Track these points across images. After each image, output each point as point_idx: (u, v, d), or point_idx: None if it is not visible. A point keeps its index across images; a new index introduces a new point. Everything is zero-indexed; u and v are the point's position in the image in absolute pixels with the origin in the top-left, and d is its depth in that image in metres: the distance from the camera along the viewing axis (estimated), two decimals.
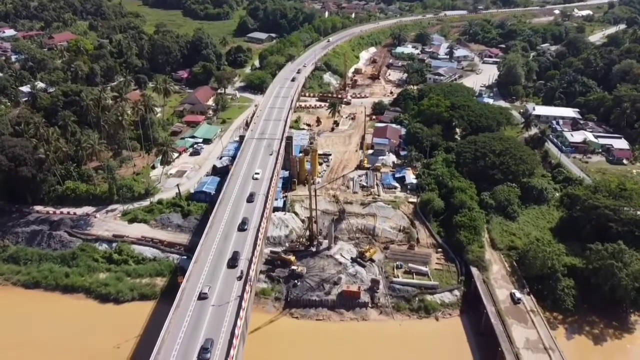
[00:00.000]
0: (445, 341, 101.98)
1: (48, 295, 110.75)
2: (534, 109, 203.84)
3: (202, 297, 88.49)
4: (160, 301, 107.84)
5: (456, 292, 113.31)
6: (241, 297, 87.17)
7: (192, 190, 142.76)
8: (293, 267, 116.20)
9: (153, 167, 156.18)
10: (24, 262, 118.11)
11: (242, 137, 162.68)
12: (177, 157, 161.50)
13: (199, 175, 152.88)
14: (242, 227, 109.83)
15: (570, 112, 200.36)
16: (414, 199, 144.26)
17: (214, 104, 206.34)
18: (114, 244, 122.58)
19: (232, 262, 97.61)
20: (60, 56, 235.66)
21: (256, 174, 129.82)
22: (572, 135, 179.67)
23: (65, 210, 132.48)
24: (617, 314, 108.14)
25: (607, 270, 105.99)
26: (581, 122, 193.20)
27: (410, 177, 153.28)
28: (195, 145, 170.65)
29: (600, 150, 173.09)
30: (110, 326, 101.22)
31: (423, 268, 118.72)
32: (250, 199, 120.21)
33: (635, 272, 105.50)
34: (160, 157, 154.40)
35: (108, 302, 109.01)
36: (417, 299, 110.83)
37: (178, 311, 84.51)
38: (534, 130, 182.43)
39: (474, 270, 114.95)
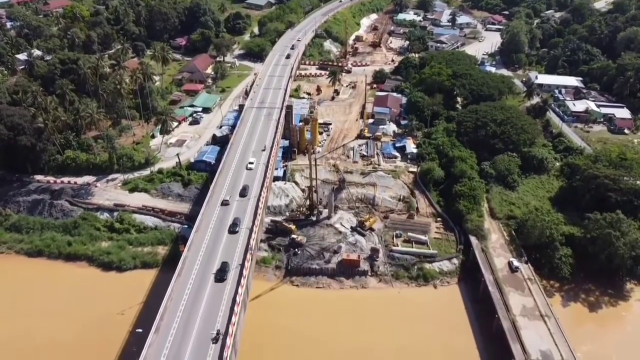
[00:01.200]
0: (443, 308, 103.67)
1: (51, 264, 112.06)
2: (536, 77, 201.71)
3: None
4: (162, 269, 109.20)
5: (455, 261, 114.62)
6: (242, 266, 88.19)
7: (192, 160, 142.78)
8: (293, 236, 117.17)
9: (153, 137, 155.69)
10: (26, 231, 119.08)
11: (241, 106, 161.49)
12: (177, 126, 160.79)
13: (199, 145, 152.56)
14: (244, 194, 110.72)
15: (573, 81, 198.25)
16: (414, 169, 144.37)
17: (213, 73, 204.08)
18: (115, 213, 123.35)
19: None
20: (56, 23, 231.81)
21: (250, 163, 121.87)
22: (574, 104, 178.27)
23: (65, 179, 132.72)
24: (613, 282, 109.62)
25: (604, 239, 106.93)
26: (584, 91, 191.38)
27: (411, 147, 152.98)
28: (194, 114, 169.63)
29: (602, 119, 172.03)
30: (114, 293, 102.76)
31: (422, 237, 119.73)
32: (243, 192, 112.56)
33: (633, 241, 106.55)
34: (159, 126, 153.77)
35: (111, 270, 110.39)
36: (416, 267, 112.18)
37: (180, 279, 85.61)
38: (536, 100, 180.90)
39: (473, 239, 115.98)
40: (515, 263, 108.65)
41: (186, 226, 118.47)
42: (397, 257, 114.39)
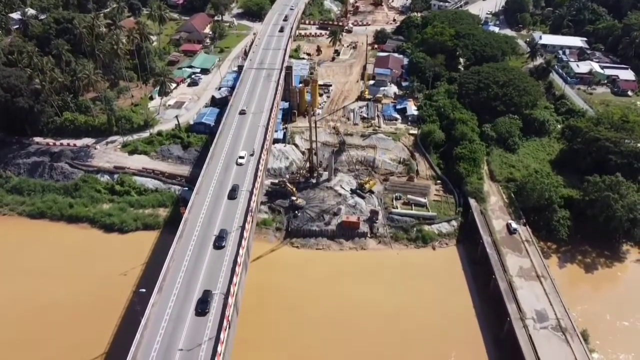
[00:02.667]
0: (441, 270, 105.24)
1: (53, 225, 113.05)
2: (540, 37, 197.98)
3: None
4: (163, 231, 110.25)
5: (453, 223, 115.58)
6: (242, 227, 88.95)
7: (191, 122, 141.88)
8: (293, 198, 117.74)
9: (151, 98, 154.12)
10: (27, 193, 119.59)
11: (240, 67, 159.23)
12: (175, 88, 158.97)
13: (198, 107, 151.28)
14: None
15: (577, 42, 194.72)
16: (414, 131, 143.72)
17: (211, 32, 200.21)
18: (116, 176, 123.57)
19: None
20: None
21: (240, 157, 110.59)
22: (577, 65, 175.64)
23: (65, 141, 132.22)
24: (610, 244, 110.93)
25: (603, 201, 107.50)
26: (588, 52, 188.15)
27: (412, 109, 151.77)
28: (193, 76, 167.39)
29: (605, 81, 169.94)
30: (116, 254, 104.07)
31: (422, 199, 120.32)
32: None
33: (631, 204, 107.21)
34: (157, 88, 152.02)
35: (113, 231, 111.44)
36: (415, 229, 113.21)
37: (181, 241, 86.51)
38: (539, 61, 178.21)
39: (472, 201, 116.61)
40: (514, 225, 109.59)
41: (187, 188, 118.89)
42: (396, 219, 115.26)
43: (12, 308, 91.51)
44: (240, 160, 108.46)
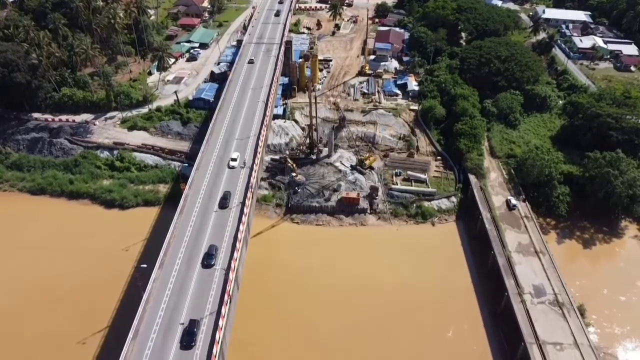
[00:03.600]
0: (440, 245, 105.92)
1: (54, 201, 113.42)
2: (543, 11, 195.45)
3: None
4: (164, 207, 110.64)
5: (453, 199, 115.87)
6: (243, 204, 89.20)
7: (190, 97, 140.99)
8: (293, 174, 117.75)
9: (149, 74, 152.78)
10: (27, 169, 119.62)
11: (239, 42, 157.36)
12: (174, 63, 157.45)
13: (197, 82, 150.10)
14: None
15: (581, 16, 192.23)
16: (415, 107, 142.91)
17: (209, 6, 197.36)
18: (115, 152, 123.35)
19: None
20: None
21: (232, 160, 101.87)
22: (580, 40, 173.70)
23: (63, 117, 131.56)
24: (609, 220, 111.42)
25: (603, 178, 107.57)
26: (592, 26, 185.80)
27: (413, 84, 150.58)
28: (191, 50, 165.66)
29: (608, 56, 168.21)
30: (117, 230, 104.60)
31: (422, 175, 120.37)
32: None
33: (630, 180, 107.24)
34: (156, 63, 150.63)
35: (113, 207, 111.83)
36: (414, 205, 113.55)
37: (182, 217, 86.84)
38: (542, 35, 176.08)
39: (472, 177, 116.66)
40: (513, 201, 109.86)
41: (186, 164, 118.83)
42: (396, 195, 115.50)
43: (15, 282, 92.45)
44: (232, 163, 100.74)
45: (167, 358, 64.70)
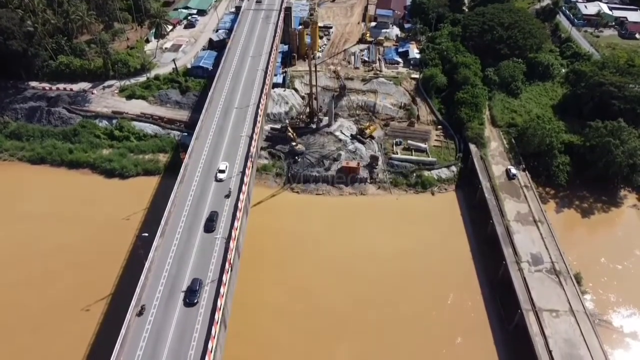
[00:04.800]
0: (439, 214, 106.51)
1: (54, 170, 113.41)
2: None
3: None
4: (164, 176, 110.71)
5: (453, 168, 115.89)
6: (243, 173, 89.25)
7: (189, 66, 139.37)
8: (293, 144, 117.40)
9: (147, 41, 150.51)
10: (26, 139, 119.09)
11: (238, 8, 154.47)
12: (172, 30, 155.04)
13: (195, 50, 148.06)
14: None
15: None
16: (416, 75, 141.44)
17: None
18: (114, 121, 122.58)
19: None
20: None
21: (220, 171, 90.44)
22: (585, 7, 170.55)
23: (61, 86, 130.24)
24: (608, 190, 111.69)
25: (603, 147, 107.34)
26: None
27: (414, 52, 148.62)
28: (189, 17, 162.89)
29: (613, 23, 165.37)
30: (118, 199, 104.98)
31: (422, 145, 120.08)
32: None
33: (631, 149, 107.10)
34: (153, 30, 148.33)
35: (114, 177, 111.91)
36: (414, 174, 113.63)
37: (182, 186, 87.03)
38: (546, 1, 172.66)
39: (472, 147, 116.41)
40: (513, 171, 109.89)
41: (186, 134, 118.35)
42: (396, 165, 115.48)
43: (17, 251, 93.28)
44: (220, 175, 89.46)
45: (170, 324, 65.82)
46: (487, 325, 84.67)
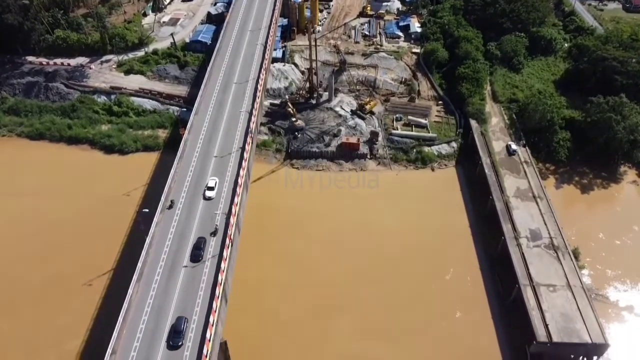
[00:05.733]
0: (439, 190, 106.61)
1: (54, 146, 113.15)
2: None
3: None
4: (164, 152, 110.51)
5: (453, 144, 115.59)
6: (243, 149, 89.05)
7: (187, 40, 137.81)
8: (293, 119, 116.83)
9: (144, 15, 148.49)
10: (24, 114, 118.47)
11: None
12: (169, 3, 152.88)
13: (194, 24, 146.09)
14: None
15: None
16: (417, 49, 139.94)
17: None
18: (113, 96, 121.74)
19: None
20: None
21: (209, 188, 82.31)
22: None
23: (58, 60, 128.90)
24: (608, 166, 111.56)
25: (604, 123, 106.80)
26: None
27: (415, 26, 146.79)
28: None
29: None
30: (118, 175, 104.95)
31: (422, 120, 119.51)
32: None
33: (632, 125, 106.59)
34: (151, 4, 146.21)
35: (113, 152, 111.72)
36: (414, 150, 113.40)
37: (182, 162, 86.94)
38: None
39: (473, 122, 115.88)
40: (513, 146, 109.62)
41: (185, 109, 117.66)
42: (396, 141, 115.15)
43: (18, 226, 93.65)
44: (208, 193, 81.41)
45: (172, 298, 66.56)
46: (486, 300, 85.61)
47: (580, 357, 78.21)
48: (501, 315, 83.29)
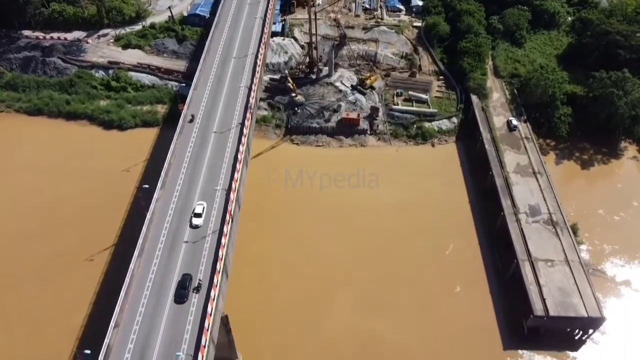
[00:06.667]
0: (439, 166, 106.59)
1: (52, 122, 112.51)
2: None
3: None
4: (163, 128, 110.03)
5: (454, 120, 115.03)
6: (242, 124, 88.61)
7: (185, 14, 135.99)
8: (293, 95, 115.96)
9: None
10: (22, 89, 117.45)
11: None
12: None
13: None
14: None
15: None
16: (418, 23, 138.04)
17: None
18: (111, 71, 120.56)
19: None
20: None
21: (196, 215, 73.67)
22: None
23: (55, 35, 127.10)
24: (608, 141, 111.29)
25: (606, 98, 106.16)
26: None
27: None
28: None
29: None
30: (117, 151, 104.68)
31: (423, 96, 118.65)
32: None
33: (634, 100, 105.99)
34: None
35: (112, 128, 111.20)
36: (415, 126, 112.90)
37: (182, 137, 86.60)
38: None
39: (474, 97, 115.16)
40: (514, 122, 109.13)
41: (184, 84, 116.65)
42: (396, 116, 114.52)
43: (17, 202, 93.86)
44: (195, 221, 72.93)
45: (173, 273, 67.14)
46: (484, 275, 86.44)
47: (577, 331, 79.41)
48: (500, 290, 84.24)
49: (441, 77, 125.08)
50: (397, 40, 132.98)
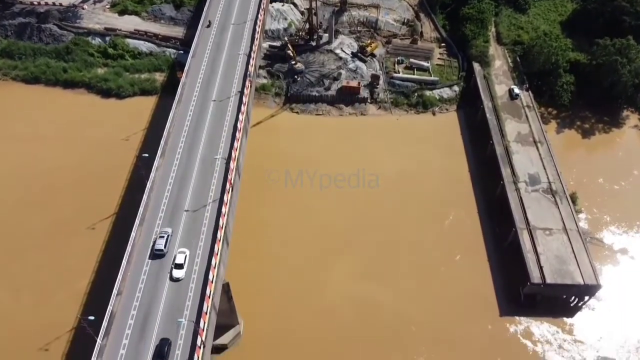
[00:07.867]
0: (440, 135, 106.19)
1: (50, 90, 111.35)
2: None
3: None
4: (161, 96, 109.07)
5: (455, 88, 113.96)
6: (241, 93, 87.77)
7: None
8: (292, 62, 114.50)
9: None
10: (18, 57, 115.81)
11: None
12: None
13: None
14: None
15: None
16: None
17: None
18: (107, 38, 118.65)
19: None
20: None
21: (177, 266, 64.14)
22: None
23: (50, 0, 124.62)
24: (611, 110, 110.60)
25: (610, 66, 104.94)
26: None
27: None
28: None
29: None
30: (116, 120, 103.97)
31: (424, 63, 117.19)
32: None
33: (638, 68, 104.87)
34: None
35: (110, 97, 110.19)
36: (416, 94, 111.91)
37: (181, 106, 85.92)
38: None
39: (476, 65, 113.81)
40: (516, 90, 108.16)
41: (182, 51, 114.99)
42: (397, 84, 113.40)
43: (19, 171, 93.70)
44: (176, 273, 63.63)
45: (174, 242, 67.64)
46: (483, 244, 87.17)
47: (572, 298, 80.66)
48: (498, 258, 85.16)
49: (443, 44, 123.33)
50: (398, 6, 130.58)
